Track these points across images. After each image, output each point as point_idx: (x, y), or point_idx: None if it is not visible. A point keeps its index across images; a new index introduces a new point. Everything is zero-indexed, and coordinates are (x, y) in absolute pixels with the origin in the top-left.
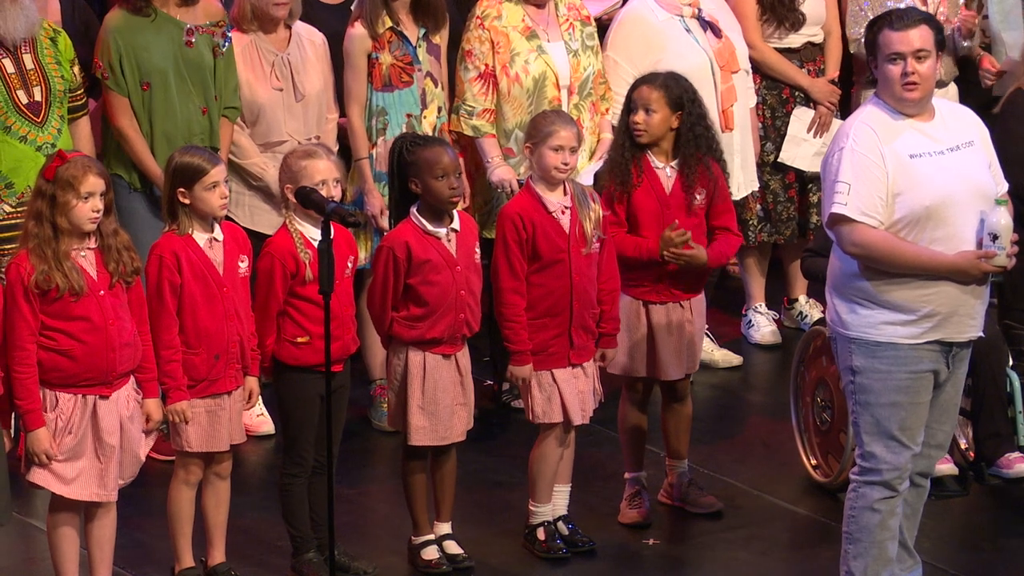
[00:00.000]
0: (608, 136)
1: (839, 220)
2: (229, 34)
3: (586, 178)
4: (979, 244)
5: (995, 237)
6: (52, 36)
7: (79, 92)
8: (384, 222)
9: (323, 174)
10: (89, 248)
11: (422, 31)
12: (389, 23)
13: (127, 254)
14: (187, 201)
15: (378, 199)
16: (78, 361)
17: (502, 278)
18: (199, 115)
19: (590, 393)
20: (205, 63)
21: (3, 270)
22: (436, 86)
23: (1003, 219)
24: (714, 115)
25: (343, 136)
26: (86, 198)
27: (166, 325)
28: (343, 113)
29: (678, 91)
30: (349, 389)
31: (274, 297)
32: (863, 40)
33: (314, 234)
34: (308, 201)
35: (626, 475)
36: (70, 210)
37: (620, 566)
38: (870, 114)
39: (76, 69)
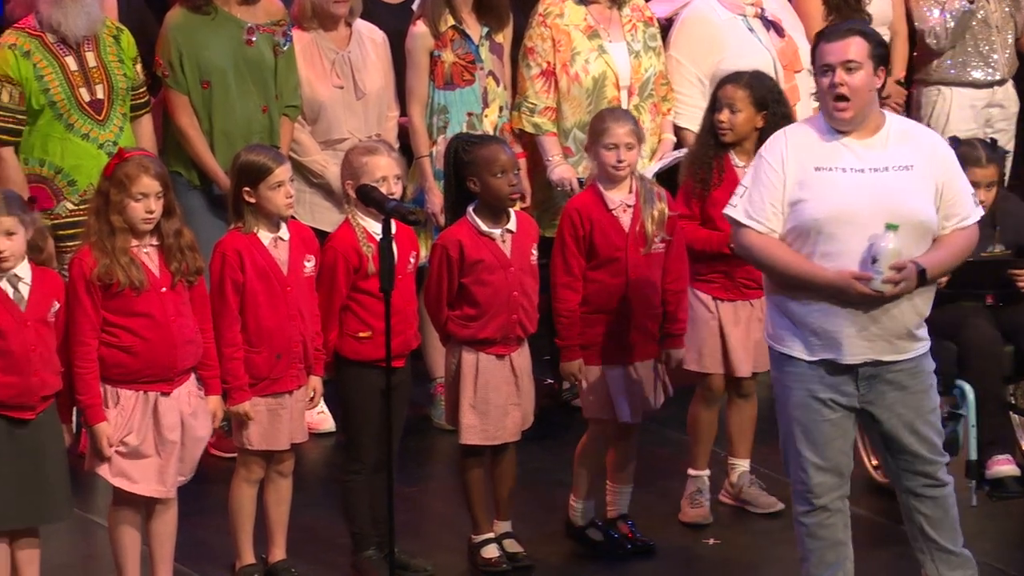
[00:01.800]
0: (669, 137)
1: (731, 222)
2: (290, 33)
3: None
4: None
5: (875, 260)
6: (115, 34)
7: (141, 90)
8: (444, 219)
9: (384, 170)
10: (152, 245)
11: (485, 30)
12: (451, 21)
13: (190, 254)
14: (252, 200)
15: (438, 197)
16: (139, 357)
17: (556, 273)
18: (259, 114)
19: (643, 393)
20: (265, 62)
21: (66, 266)
22: (498, 85)
23: (888, 244)
24: None
25: (403, 134)
26: (139, 199)
27: (228, 323)
28: (403, 111)
29: (763, 90)
30: (410, 385)
31: (337, 292)
32: (930, 30)
33: (376, 229)
34: (368, 199)
35: (689, 471)
36: (123, 209)
37: (679, 565)
38: (800, 123)
39: (138, 67)
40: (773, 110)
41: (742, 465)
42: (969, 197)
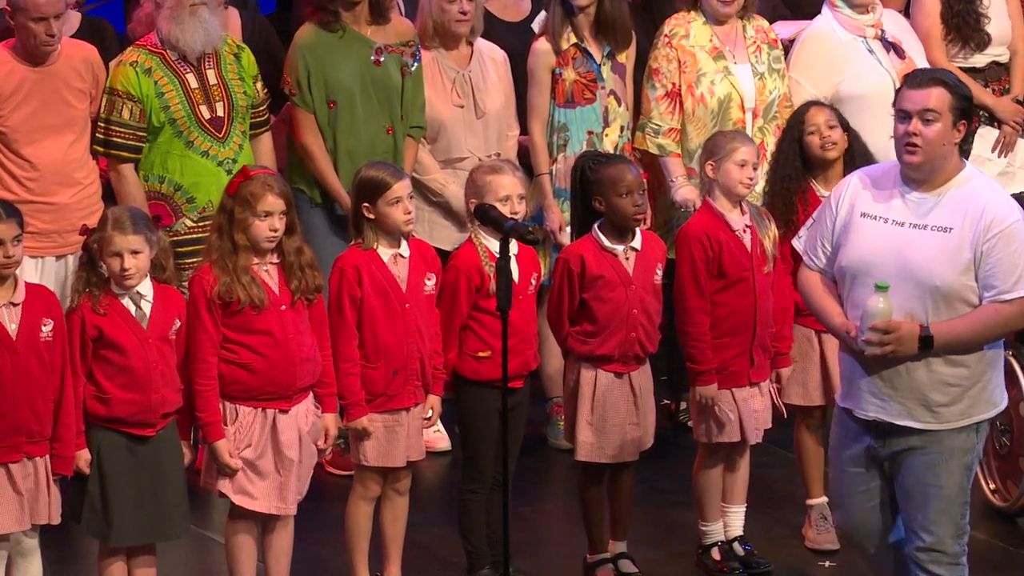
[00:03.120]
0: None
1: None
2: (418, 54)
3: None
4: None
5: (861, 319)
6: (235, 52)
7: (262, 108)
8: (562, 238)
9: (508, 190)
10: (272, 263)
11: (607, 49)
12: (573, 39)
13: (310, 272)
14: (372, 216)
15: (557, 215)
16: (259, 375)
17: (688, 297)
18: (384, 134)
19: (764, 412)
20: (392, 83)
21: (185, 283)
22: (619, 105)
23: (874, 303)
24: None
25: (522, 153)
26: (263, 217)
27: (345, 338)
28: (523, 130)
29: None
30: (528, 406)
31: (458, 310)
32: None
33: (498, 247)
34: (487, 218)
35: (808, 501)
36: (248, 227)
37: None
38: (878, 166)
39: (259, 85)
40: (853, 133)
41: None
42: (1018, 271)
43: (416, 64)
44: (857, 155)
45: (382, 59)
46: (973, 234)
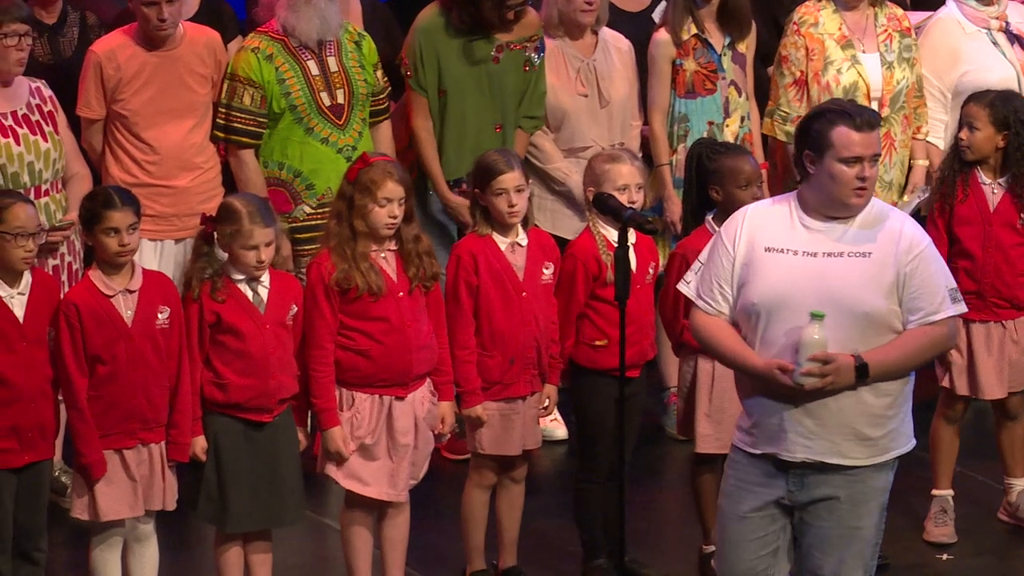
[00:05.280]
0: (920, 163)
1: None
2: (542, 46)
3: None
4: None
5: (797, 351)
6: (356, 40)
7: (382, 96)
8: (682, 227)
9: (626, 179)
10: (390, 250)
11: (727, 39)
12: (694, 30)
13: (427, 259)
14: (482, 203)
15: (677, 205)
16: (375, 362)
17: None
18: (491, 131)
19: None
20: (508, 81)
21: (303, 269)
22: (740, 95)
23: (810, 334)
24: None
25: (643, 143)
26: (383, 203)
27: (462, 325)
28: (644, 121)
29: (1005, 111)
30: (645, 396)
31: (575, 299)
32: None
33: (616, 237)
34: (605, 207)
35: (933, 492)
36: (367, 214)
37: None
38: (767, 201)
39: (379, 73)
40: (1016, 131)
41: (1019, 484)
42: (941, 292)
43: (540, 57)
44: (1011, 152)
45: (501, 56)
46: (894, 256)
